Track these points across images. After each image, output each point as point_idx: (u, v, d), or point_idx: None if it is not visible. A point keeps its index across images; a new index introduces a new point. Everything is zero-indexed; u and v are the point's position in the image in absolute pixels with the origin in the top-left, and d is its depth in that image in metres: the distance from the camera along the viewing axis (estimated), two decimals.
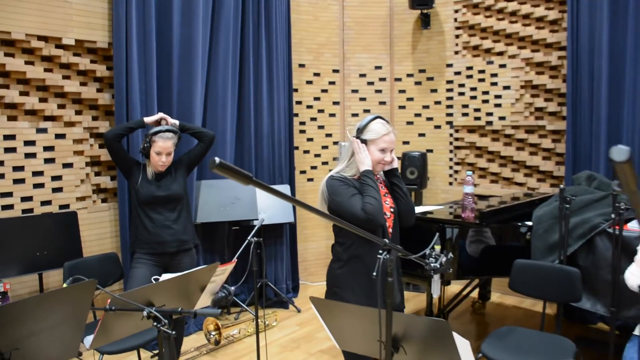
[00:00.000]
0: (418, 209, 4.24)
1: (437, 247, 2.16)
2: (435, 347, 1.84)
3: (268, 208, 4.99)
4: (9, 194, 3.80)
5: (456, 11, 5.74)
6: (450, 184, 5.94)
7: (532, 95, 5.29)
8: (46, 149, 3.98)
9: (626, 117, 4.40)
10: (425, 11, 5.75)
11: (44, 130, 3.96)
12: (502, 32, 5.42)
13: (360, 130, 2.53)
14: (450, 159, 5.93)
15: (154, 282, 2.31)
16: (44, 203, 3.98)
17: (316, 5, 5.79)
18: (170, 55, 4.43)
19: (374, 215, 2.40)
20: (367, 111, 6.03)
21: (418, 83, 6.03)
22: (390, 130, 2.56)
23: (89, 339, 2.19)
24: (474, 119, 5.69)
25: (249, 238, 3.07)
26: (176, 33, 4.44)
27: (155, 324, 1.76)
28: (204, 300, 2.65)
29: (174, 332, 1.72)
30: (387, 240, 1.75)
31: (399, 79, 6.09)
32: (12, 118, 3.80)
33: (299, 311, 5.11)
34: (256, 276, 3.19)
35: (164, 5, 4.39)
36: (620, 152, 1.06)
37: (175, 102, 4.44)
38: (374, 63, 6.05)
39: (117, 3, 4.10)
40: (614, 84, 4.46)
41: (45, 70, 3.94)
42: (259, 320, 3.36)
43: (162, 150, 3.40)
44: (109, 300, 1.99)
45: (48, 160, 3.99)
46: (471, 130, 5.76)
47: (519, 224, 3.72)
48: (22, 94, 3.83)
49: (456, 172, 5.91)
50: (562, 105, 5.07)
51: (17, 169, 3.82)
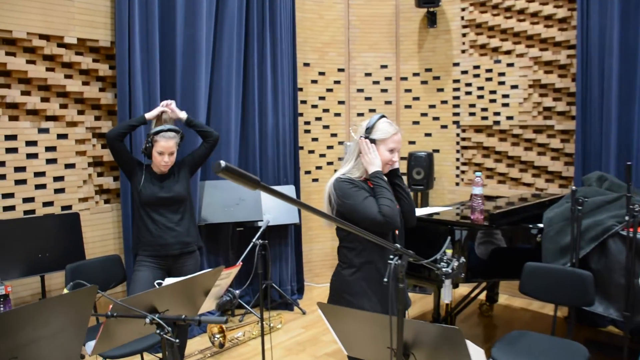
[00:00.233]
0: (425, 211, 4.17)
1: (449, 251, 2.10)
2: (448, 355, 1.78)
3: (273, 209, 4.93)
4: (11, 195, 3.75)
5: (463, 9, 5.68)
6: (457, 184, 5.87)
7: (541, 95, 5.22)
8: (48, 149, 3.93)
9: (637, 116, 4.33)
10: (431, 9, 5.70)
11: (46, 131, 3.92)
12: (510, 30, 5.35)
13: (368, 130, 2.46)
14: (457, 159, 5.87)
15: (157, 286, 2.25)
16: (46, 204, 3.93)
17: (321, 3, 5.72)
18: (174, 54, 4.39)
19: (392, 218, 2.33)
20: (372, 111, 5.96)
21: (424, 82, 5.96)
22: (398, 129, 2.51)
23: (90, 345, 2.14)
24: (481, 119, 5.63)
25: (254, 240, 3.01)
26: (179, 32, 4.40)
27: (158, 331, 1.70)
28: (208, 305, 2.60)
29: (177, 341, 1.66)
30: (398, 245, 1.68)
31: (405, 78, 6.02)
32: (13, 118, 3.76)
33: (304, 313, 5.05)
34: (261, 278, 3.14)
35: (167, 4, 4.35)
36: None
37: (178, 101, 4.37)
38: (379, 62, 5.99)
39: (120, 1, 4.05)
40: (624, 83, 4.39)
41: (47, 69, 3.89)
42: (263, 322, 3.30)
43: (165, 150, 3.34)
44: (111, 306, 1.93)
45: (50, 161, 3.94)
46: (478, 130, 5.69)
47: (530, 225, 3.65)
48: (23, 93, 3.79)
49: (463, 172, 5.85)
50: (571, 104, 5.00)
51: (18, 169, 3.78)
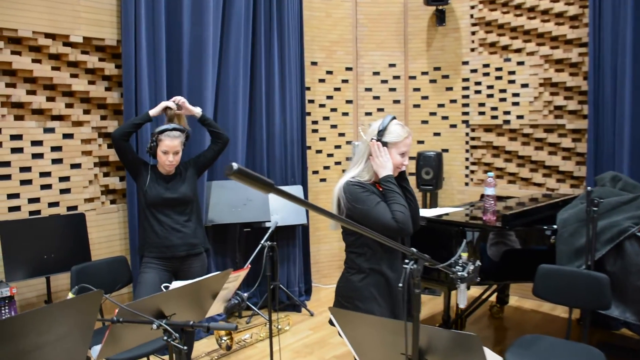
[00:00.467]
0: (434, 211, 4.11)
1: (464, 255, 2.04)
2: None
3: (280, 209, 4.88)
4: (16, 195, 3.71)
5: (472, 7, 5.60)
6: (467, 184, 5.80)
7: (552, 93, 5.15)
8: (54, 149, 3.89)
9: None
10: (440, 7, 5.62)
11: (52, 130, 3.88)
12: (520, 28, 5.28)
13: (381, 132, 2.40)
14: (467, 159, 5.79)
15: (164, 289, 2.20)
16: (51, 204, 3.89)
17: (329, 2, 5.66)
18: (180, 53, 4.34)
19: (405, 224, 2.29)
20: (380, 110, 5.90)
21: (433, 81, 5.89)
22: (410, 132, 2.47)
23: (96, 349, 2.09)
24: (491, 118, 5.55)
25: (262, 242, 2.97)
26: (186, 30, 4.35)
27: (165, 338, 1.65)
28: (216, 308, 2.55)
29: (185, 348, 1.60)
30: (414, 249, 1.62)
31: (413, 77, 5.95)
32: (19, 117, 3.72)
33: (311, 315, 4.99)
34: (269, 280, 3.09)
35: (173, 2, 4.30)
36: None
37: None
38: (387, 61, 5.92)
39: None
40: (638, 81, 4.31)
41: (53, 68, 3.86)
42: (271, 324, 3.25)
43: (169, 149, 3.28)
44: (117, 311, 1.88)
45: (55, 161, 3.90)
46: (488, 129, 5.62)
47: (545, 227, 3.58)
48: (29, 92, 3.75)
49: (472, 172, 5.77)
50: (582, 103, 4.92)
51: (24, 169, 3.74)
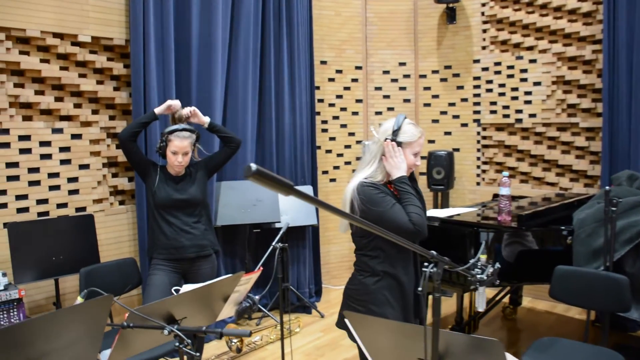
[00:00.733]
0: (446, 212, 4.04)
1: (483, 257, 1.98)
2: None
3: (290, 210, 4.82)
4: (24, 197, 3.69)
5: (483, 4, 5.53)
6: (478, 184, 5.72)
7: (565, 92, 5.06)
8: (62, 149, 3.87)
9: None
10: (451, 5, 5.57)
11: (60, 131, 3.85)
12: (532, 25, 5.20)
13: (395, 132, 2.34)
14: (478, 158, 5.72)
15: (174, 293, 2.15)
16: (60, 206, 3.86)
17: (338, 0, 5.60)
18: (189, 53, 4.30)
19: (421, 226, 2.25)
20: (391, 109, 5.84)
21: (444, 80, 5.82)
22: (423, 132, 2.42)
23: (106, 354, 2.05)
24: (503, 117, 5.48)
25: (273, 244, 2.92)
26: (195, 29, 4.31)
27: (177, 344, 1.60)
28: (227, 311, 2.50)
29: (198, 354, 1.56)
30: (434, 252, 1.57)
31: (423, 76, 5.89)
32: (27, 118, 3.70)
33: (322, 316, 4.93)
34: (281, 282, 3.04)
35: (182, 1, 4.27)
36: None
37: (194, 100, 4.30)
38: (397, 59, 5.86)
39: None
40: None
41: (61, 68, 3.83)
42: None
43: (179, 149, 3.24)
44: (127, 315, 1.83)
45: (64, 162, 3.88)
46: (499, 128, 5.54)
47: (562, 227, 3.50)
48: (37, 93, 3.73)
49: (484, 171, 5.70)
50: (596, 101, 4.84)
51: (32, 170, 3.71)
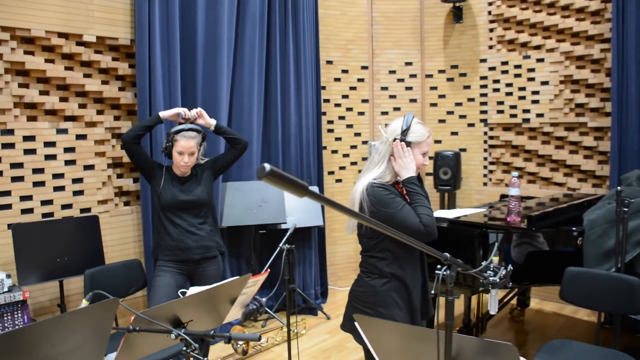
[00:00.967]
0: (453, 213, 4.00)
1: (495, 259, 1.94)
2: None
3: (296, 211, 4.79)
4: (29, 197, 3.66)
5: (490, 4, 5.48)
6: (485, 184, 5.68)
7: (573, 91, 5.02)
8: (67, 150, 3.84)
9: None
10: (457, 4, 5.52)
11: (65, 131, 3.82)
12: (540, 24, 5.15)
13: (404, 132, 2.31)
14: (485, 159, 5.67)
15: (180, 295, 2.12)
16: (64, 206, 3.84)
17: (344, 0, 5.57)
18: (195, 52, 4.28)
19: (432, 228, 2.22)
20: (397, 109, 5.80)
21: (450, 79, 5.78)
22: (430, 131, 2.39)
23: (111, 357, 2.02)
24: (510, 117, 5.43)
25: (280, 245, 2.88)
26: (200, 29, 4.28)
27: (185, 349, 1.56)
28: (234, 314, 2.46)
29: (206, 359, 1.52)
30: (448, 255, 1.53)
31: (430, 76, 5.85)
32: (31, 118, 3.67)
33: (328, 318, 4.89)
34: (288, 284, 3.00)
35: (188, 1, 4.24)
36: None
37: (200, 100, 4.27)
38: (404, 59, 5.82)
39: None
40: None
41: (66, 68, 3.80)
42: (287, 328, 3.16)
43: (185, 149, 3.20)
44: (133, 318, 1.80)
45: (69, 162, 3.85)
46: (507, 128, 5.50)
47: (574, 228, 3.45)
48: (42, 93, 3.70)
49: (491, 172, 5.65)
50: (605, 100, 4.79)
51: (36, 171, 3.69)
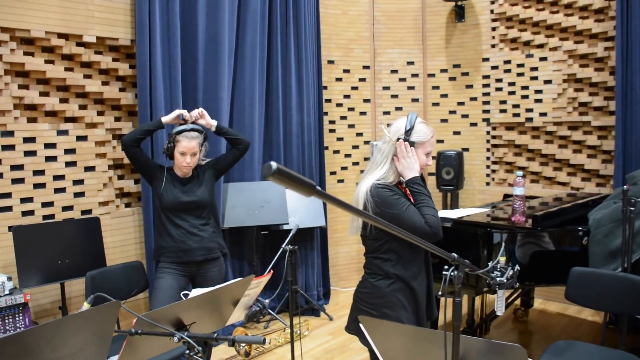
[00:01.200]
0: (456, 212, 3.97)
1: (503, 259, 1.91)
2: None
3: (298, 211, 4.76)
4: (29, 199, 3.64)
5: (492, 2, 5.45)
6: (488, 184, 5.65)
7: (576, 90, 4.98)
8: (67, 151, 3.81)
9: None
10: (459, 3, 5.51)
11: (65, 132, 3.80)
12: (543, 23, 5.12)
13: (408, 132, 2.29)
14: (488, 158, 5.64)
15: (182, 297, 2.09)
16: (65, 208, 3.81)
17: None
18: (196, 52, 4.25)
19: (437, 228, 2.20)
20: (399, 109, 5.77)
21: (452, 79, 5.75)
22: (434, 131, 2.37)
23: None
24: (513, 116, 5.40)
25: (283, 246, 2.86)
26: (201, 29, 4.26)
27: (188, 352, 1.54)
28: (237, 315, 2.44)
29: None
30: (455, 255, 1.50)
31: (432, 75, 5.82)
32: (31, 120, 3.64)
33: (330, 319, 4.86)
34: (291, 285, 2.97)
35: (188, 1, 4.21)
36: None
37: (201, 100, 4.24)
38: (406, 58, 5.79)
39: None
40: None
41: (66, 69, 3.78)
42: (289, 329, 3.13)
43: (187, 150, 3.18)
44: (135, 321, 1.77)
45: (69, 164, 3.82)
46: (509, 127, 5.46)
47: (580, 228, 3.41)
48: (42, 94, 3.67)
49: (494, 171, 5.62)
50: (609, 99, 4.75)
51: (37, 172, 3.66)
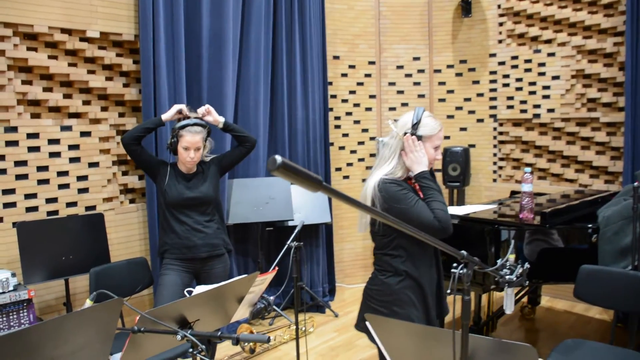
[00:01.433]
0: (462, 209, 3.93)
1: (512, 257, 1.88)
2: None
3: (304, 207, 4.73)
4: (33, 196, 3.62)
5: None
6: (494, 180, 5.60)
7: (584, 85, 4.93)
8: (71, 147, 3.79)
9: None
10: None
11: (69, 128, 3.78)
12: (551, 18, 5.06)
13: (415, 126, 2.25)
14: (494, 154, 5.60)
15: (186, 294, 2.07)
16: (69, 204, 3.79)
17: None
18: (200, 48, 4.22)
19: (447, 224, 2.15)
20: (405, 105, 5.72)
21: (459, 74, 5.70)
22: (441, 125, 2.33)
23: (116, 357, 1.97)
24: (520, 112, 5.35)
25: (288, 242, 2.82)
26: (205, 24, 4.22)
27: (191, 350, 1.51)
28: (241, 312, 2.41)
29: None
30: (465, 252, 1.47)
31: (438, 71, 5.77)
32: (35, 115, 3.62)
33: (336, 316, 4.84)
34: (296, 282, 2.95)
35: None
36: None
37: (205, 96, 4.21)
38: (412, 54, 5.74)
39: None
40: None
41: (70, 64, 3.75)
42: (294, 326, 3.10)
43: (190, 145, 3.14)
44: (138, 319, 1.74)
45: (73, 160, 3.80)
46: (517, 123, 5.41)
47: (589, 225, 3.37)
48: (45, 90, 3.65)
49: (500, 168, 5.57)
50: (618, 95, 4.70)
51: (41, 168, 3.65)
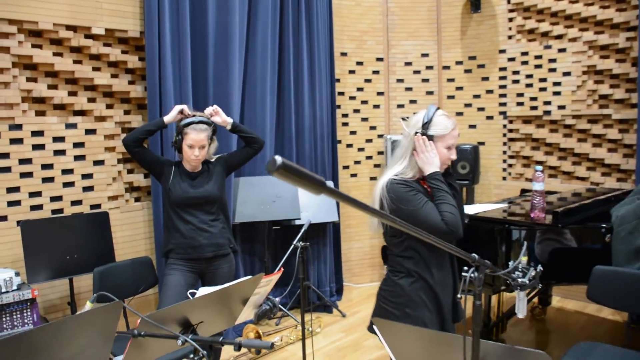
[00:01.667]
0: (472, 208, 3.86)
1: (524, 259, 1.82)
2: None
3: (311, 206, 4.68)
4: (38, 194, 3.60)
5: None
6: (504, 178, 5.52)
7: (596, 82, 4.84)
8: (76, 145, 3.77)
9: None
10: None
11: (74, 126, 3.75)
12: (561, 13, 4.98)
13: (425, 125, 2.19)
14: (504, 152, 5.52)
15: (190, 296, 2.02)
16: (74, 203, 3.77)
17: None
18: (206, 45, 4.18)
19: (455, 227, 2.09)
20: (413, 102, 5.66)
21: (468, 71, 5.63)
22: (456, 123, 2.26)
23: (119, 359, 1.93)
24: (530, 109, 5.27)
25: (294, 242, 2.78)
26: (211, 20, 4.18)
27: (192, 356, 1.46)
28: (246, 314, 2.37)
29: None
30: (476, 256, 1.41)
31: (447, 67, 5.70)
32: (40, 113, 3.60)
33: (343, 316, 4.79)
34: (303, 282, 2.90)
35: None
36: None
37: (211, 94, 4.17)
38: (420, 50, 5.67)
39: None
40: None
41: (75, 61, 3.73)
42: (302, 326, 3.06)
43: (195, 143, 3.09)
44: (139, 322, 1.70)
45: (78, 158, 3.78)
46: (527, 120, 5.33)
47: (603, 225, 3.29)
48: (50, 87, 3.63)
49: (510, 166, 5.50)
50: (631, 91, 4.61)
51: (45, 167, 3.63)
